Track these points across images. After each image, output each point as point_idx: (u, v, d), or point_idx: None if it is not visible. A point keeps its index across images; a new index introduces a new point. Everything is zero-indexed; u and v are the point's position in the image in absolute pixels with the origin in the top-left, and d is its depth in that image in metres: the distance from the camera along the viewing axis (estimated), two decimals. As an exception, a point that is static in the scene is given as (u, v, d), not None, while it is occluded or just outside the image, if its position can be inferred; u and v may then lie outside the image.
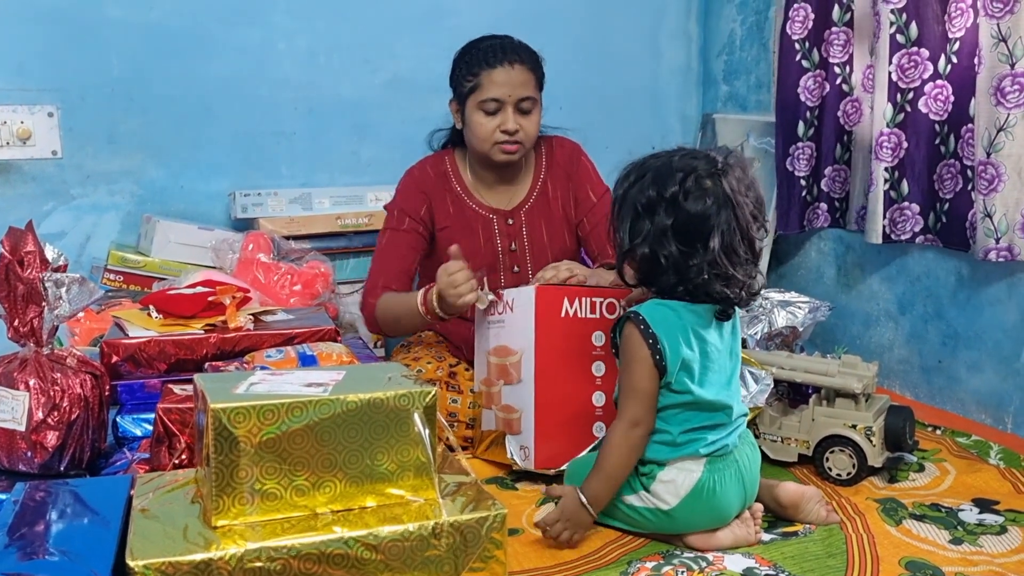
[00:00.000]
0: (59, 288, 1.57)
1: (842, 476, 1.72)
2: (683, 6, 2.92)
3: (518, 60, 1.96)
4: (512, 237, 2.09)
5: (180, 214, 2.47)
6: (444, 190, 2.08)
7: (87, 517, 1.30)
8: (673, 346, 1.46)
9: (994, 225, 1.94)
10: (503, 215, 2.09)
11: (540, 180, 2.11)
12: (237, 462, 1.19)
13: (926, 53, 2.12)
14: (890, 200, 2.21)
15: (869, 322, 2.40)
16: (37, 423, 1.55)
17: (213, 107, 2.49)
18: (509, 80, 1.95)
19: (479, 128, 1.98)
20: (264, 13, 2.50)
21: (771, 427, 1.80)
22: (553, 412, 1.69)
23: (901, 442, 1.74)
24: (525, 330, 1.68)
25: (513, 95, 1.95)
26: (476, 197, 2.09)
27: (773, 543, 1.50)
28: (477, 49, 2.00)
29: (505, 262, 2.09)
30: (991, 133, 1.92)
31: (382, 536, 1.20)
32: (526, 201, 2.10)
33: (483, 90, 1.96)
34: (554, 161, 2.13)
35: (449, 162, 2.12)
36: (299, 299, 2.24)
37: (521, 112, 1.98)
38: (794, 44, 2.40)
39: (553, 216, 2.11)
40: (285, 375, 1.33)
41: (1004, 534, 1.53)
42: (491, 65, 1.95)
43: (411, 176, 2.11)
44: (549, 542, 1.49)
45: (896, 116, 2.18)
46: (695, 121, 2.98)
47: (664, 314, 1.47)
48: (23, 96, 2.31)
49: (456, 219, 2.07)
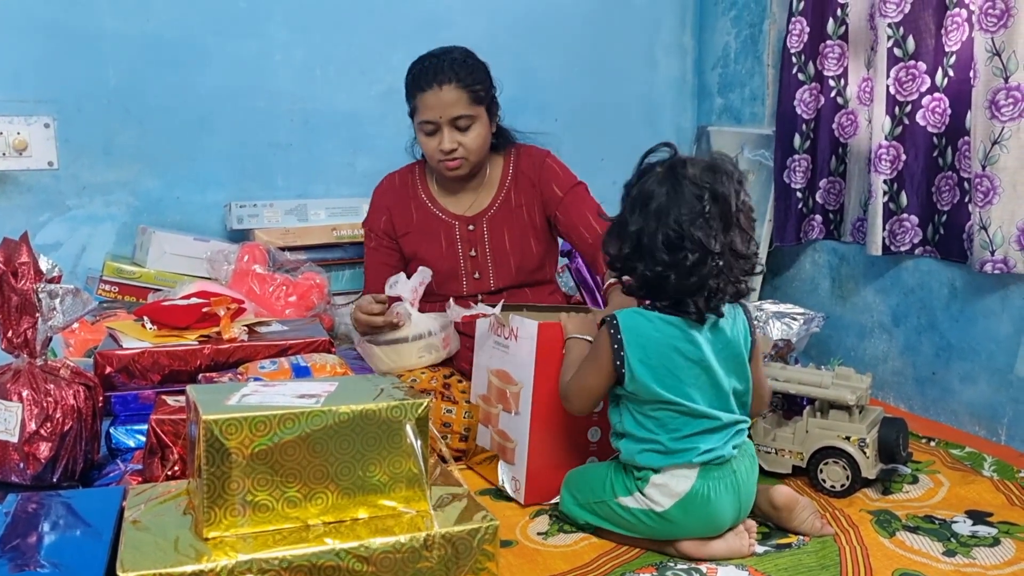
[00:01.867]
0: (53, 299, 1.57)
1: (836, 488, 1.72)
2: (678, 19, 2.94)
3: (446, 80, 1.98)
4: (473, 243, 2.12)
5: (176, 225, 2.47)
6: (407, 198, 2.14)
7: (79, 529, 1.30)
8: (635, 354, 1.48)
9: (989, 237, 1.94)
10: (465, 221, 2.12)
11: (505, 189, 2.14)
12: (229, 473, 1.18)
13: (923, 66, 2.14)
14: (889, 212, 2.22)
15: (863, 334, 2.40)
16: (30, 434, 1.55)
17: (209, 119, 2.49)
18: (439, 102, 1.98)
19: (423, 147, 2.06)
20: (260, 25, 2.51)
21: (765, 438, 1.80)
22: (547, 449, 1.70)
23: (895, 454, 1.74)
24: (526, 364, 1.68)
25: (444, 115, 1.99)
26: (440, 204, 2.14)
27: (767, 555, 1.50)
28: (411, 73, 2.05)
29: (467, 267, 2.12)
30: (986, 146, 1.93)
31: (374, 548, 1.20)
32: (488, 209, 2.13)
33: (419, 112, 2.02)
34: (520, 170, 2.14)
35: (419, 170, 2.18)
36: (294, 310, 2.24)
37: (459, 129, 2.01)
38: (791, 57, 2.42)
39: (516, 224, 2.13)
40: (277, 386, 1.33)
41: (997, 546, 1.53)
42: (422, 89, 2.00)
43: (375, 192, 2.20)
44: None
45: (895, 129, 2.19)
46: (690, 133, 2.99)
47: (637, 323, 1.50)
48: (20, 107, 2.31)
49: (419, 225, 2.13)
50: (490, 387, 1.79)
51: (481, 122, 2.03)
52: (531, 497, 1.70)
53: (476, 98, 2.01)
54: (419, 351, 1.97)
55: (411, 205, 2.14)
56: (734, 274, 1.49)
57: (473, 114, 2.01)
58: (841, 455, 1.71)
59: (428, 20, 2.65)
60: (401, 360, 1.97)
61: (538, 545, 1.56)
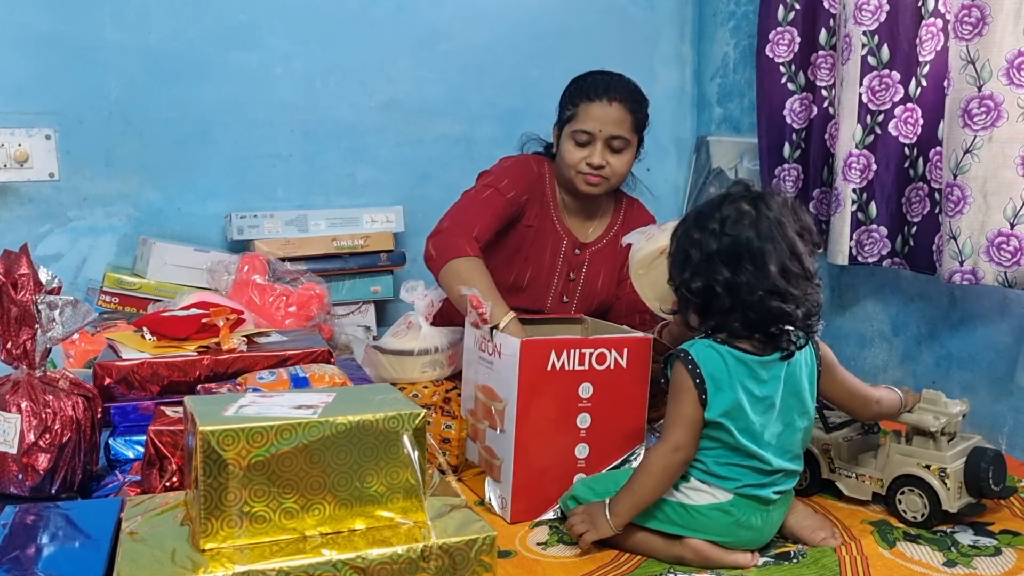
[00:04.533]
0: (52, 310, 1.57)
1: (916, 519, 1.63)
2: (677, 30, 2.95)
3: (618, 99, 1.98)
4: (573, 267, 2.12)
5: (176, 236, 2.48)
6: (539, 191, 2.10)
7: (77, 540, 1.30)
8: (716, 385, 1.48)
9: (959, 247, 1.92)
10: (574, 242, 2.12)
11: (614, 230, 2.15)
12: (226, 484, 1.18)
13: (897, 76, 2.12)
14: (857, 222, 2.21)
15: (863, 343, 2.40)
16: (29, 446, 1.55)
17: (210, 130, 2.50)
18: (604, 116, 1.97)
19: (567, 155, 2.01)
20: (261, 37, 2.52)
21: (848, 462, 1.74)
22: (532, 467, 1.66)
23: (983, 488, 1.61)
24: (509, 382, 1.65)
25: (604, 131, 1.97)
26: (559, 214, 2.12)
27: (766, 567, 1.50)
28: (584, 81, 2.03)
29: (558, 286, 2.11)
30: (958, 155, 1.91)
31: (370, 559, 1.19)
32: (597, 241, 2.14)
33: (578, 121, 1.99)
34: (629, 220, 2.15)
35: (548, 170, 2.13)
36: (294, 320, 2.24)
37: (612, 150, 2.00)
38: (778, 67, 2.42)
39: (613, 266, 2.14)
40: (275, 397, 1.33)
41: (998, 556, 1.52)
42: (590, 99, 1.98)
43: (523, 162, 2.09)
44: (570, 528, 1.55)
45: (865, 138, 2.18)
46: (689, 143, 2.99)
47: (710, 356, 1.50)
48: (21, 119, 2.32)
49: (538, 223, 2.09)
50: (476, 402, 1.77)
51: (631, 151, 2.03)
52: (517, 515, 1.68)
53: (637, 125, 2.02)
54: (422, 366, 1.97)
55: (538, 200, 2.09)
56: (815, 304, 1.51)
57: (630, 139, 2.01)
58: (920, 484, 1.62)
59: (428, 32, 2.66)
60: (404, 372, 1.97)
61: (538, 556, 1.55)
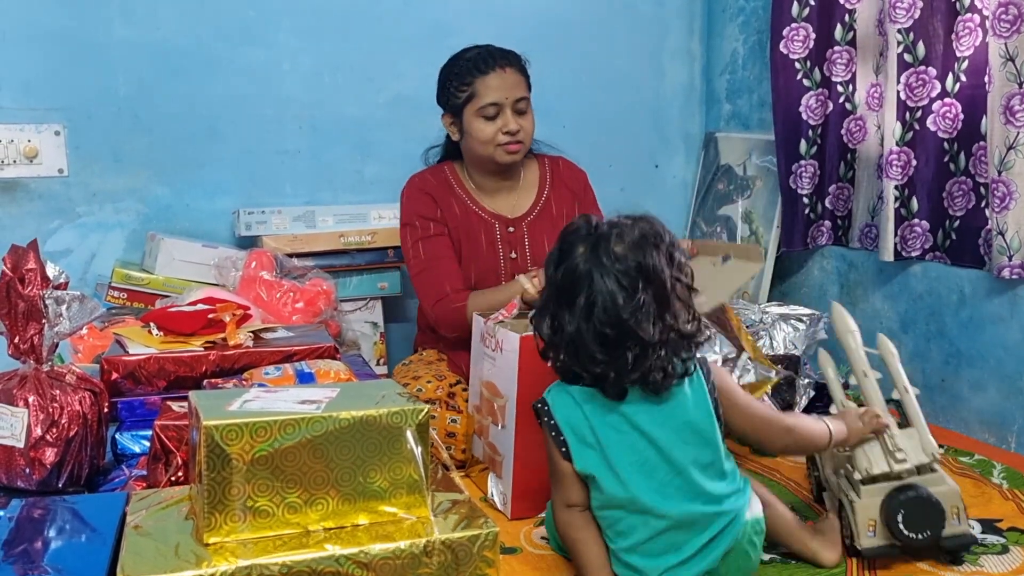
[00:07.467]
0: (59, 305, 1.58)
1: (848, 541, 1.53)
2: (686, 25, 2.93)
3: (507, 63, 2.03)
4: (513, 245, 2.12)
5: (184, 232, 2.48)
6: (448, 194, 2.12)
7: (82, 534, 1.30)
8: (577, 436, 1.38)
9: (1007, 242, 1.94)
10: (505, 222, 2.12)
11: (544, 195, 2.15)
12: (230, 479, 1.18)
13: (933, 72, 2.13)
14: (900, 217, 2.21)
15: (872, 340, 2.38)
16: (36, 440, 1.56)
17: (218, 126, 2.51)
18: (503, 84, 2.01)
19: (481, 133, 2.03)
20: (269, 33, 2.52)
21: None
22: (532, 464, 1.65)
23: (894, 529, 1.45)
24: (510, 378, 1.65)
25: (510, 97, 2.01)
26: (479, 203, 2.13)
27: (772, 563, 1.49)
28: (464, 60, 2.05)
29: (506, 268, 2.11)
30: (1001, 151, 1.92)
31: (373, 554, 1.19)
32: (529, 212, 2.13)
33: (480, 97, 2.01)
34: (559, 179, 2.15)
35: (449, 171, 2.16)
36: (301, 316, 2.25)
37: (518, 113, 2.04)
38: (793, 63, 2.41)
39: (556, 231, 2.10)
40: (279, 392, 1.33)
41: (1006, 554, 1.52)
42: (483, 72, 2.01)
43: (413, 185, 2.14)
44: None
45: (905, 134, 2.18)
46: (698, 140, 2.98)
47: (564, 401, 1.39)
48: (30, 115, 2.33)
49: (461, 221, 2.11)
50: (481, 398, 1.78)
51: (531, 109, 2.07)
52: (517, 512, 1.68)
53: (529, 85, 2.07)
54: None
55: (452, 201, 2.12)
56: (680, 355, 1.35)
57: (529, 98, 2.06)
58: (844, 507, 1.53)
59: (436, 27, 2.66)
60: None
61: (543, 551, 1.56)
